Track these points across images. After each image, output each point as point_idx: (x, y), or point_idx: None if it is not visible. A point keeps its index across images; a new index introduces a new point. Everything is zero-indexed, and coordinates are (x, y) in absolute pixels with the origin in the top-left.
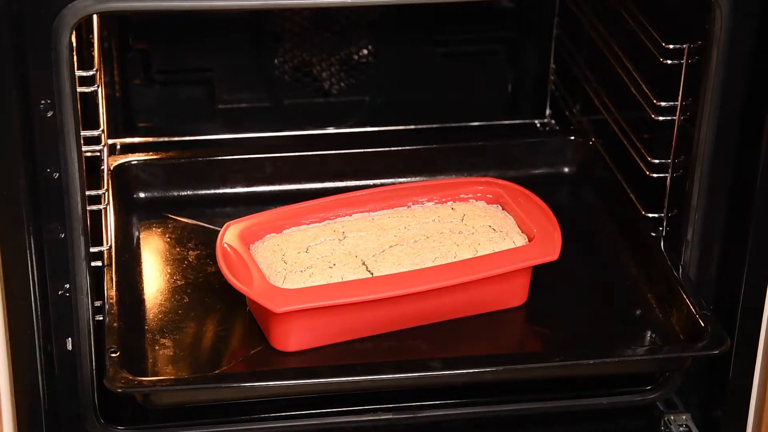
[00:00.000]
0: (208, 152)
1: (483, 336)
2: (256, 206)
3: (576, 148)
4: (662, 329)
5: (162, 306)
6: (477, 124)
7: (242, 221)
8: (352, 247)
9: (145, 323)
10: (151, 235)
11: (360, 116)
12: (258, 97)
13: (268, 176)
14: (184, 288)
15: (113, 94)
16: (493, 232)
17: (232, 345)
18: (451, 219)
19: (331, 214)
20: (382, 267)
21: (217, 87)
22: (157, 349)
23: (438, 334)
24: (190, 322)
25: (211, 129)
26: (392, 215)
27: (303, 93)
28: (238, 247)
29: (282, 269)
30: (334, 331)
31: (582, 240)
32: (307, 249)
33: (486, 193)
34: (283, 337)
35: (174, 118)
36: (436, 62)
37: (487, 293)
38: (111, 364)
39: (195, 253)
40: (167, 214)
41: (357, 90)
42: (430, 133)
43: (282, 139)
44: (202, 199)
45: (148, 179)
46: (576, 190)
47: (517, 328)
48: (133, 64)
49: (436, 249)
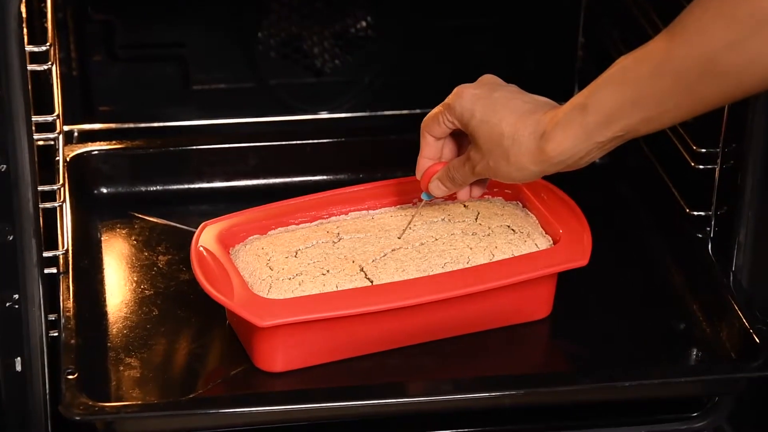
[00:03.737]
0: (181, 141)
1: (501, 354)
2: (237, 203)
3: None
4: (710, 346)
5: (127, 320)
6: None
7: (221, 221)
8: (349, 250)
9: (108, 340)
10: (115, 238)
11: (357, 99)
12: (239, 77)
13: (252, 169)
14: (153, 298)
15: (70, 72)
16: (512, 234)
17: (210, 365)
18: (464, 218)
19: (324, 213)
20: (383, 274)
21: (191, 65)
22: (121, 369)
23: (449, 351)
24: (161, 339)
25: (184, 114)
26: (395, 214)
27: (291, 72)
28: (216, 250)
29: (267, 276)
30: (328, 349)
31: (616, 242)
32: (296, 253)
33: (504, 187)
34: (269, 355)
35: (141, 101)
36: (446, 37)
37: (505, 304)
38: (68, 387)
39: (166, 257)
40: (133, 212)
41: (354, 68)
42: None
43: (267, 125)
44: (174, 196)
45: (111, 172)
46: (609, 184)
47: (541, 344)
48: (92, 38)
49: (446, 253)
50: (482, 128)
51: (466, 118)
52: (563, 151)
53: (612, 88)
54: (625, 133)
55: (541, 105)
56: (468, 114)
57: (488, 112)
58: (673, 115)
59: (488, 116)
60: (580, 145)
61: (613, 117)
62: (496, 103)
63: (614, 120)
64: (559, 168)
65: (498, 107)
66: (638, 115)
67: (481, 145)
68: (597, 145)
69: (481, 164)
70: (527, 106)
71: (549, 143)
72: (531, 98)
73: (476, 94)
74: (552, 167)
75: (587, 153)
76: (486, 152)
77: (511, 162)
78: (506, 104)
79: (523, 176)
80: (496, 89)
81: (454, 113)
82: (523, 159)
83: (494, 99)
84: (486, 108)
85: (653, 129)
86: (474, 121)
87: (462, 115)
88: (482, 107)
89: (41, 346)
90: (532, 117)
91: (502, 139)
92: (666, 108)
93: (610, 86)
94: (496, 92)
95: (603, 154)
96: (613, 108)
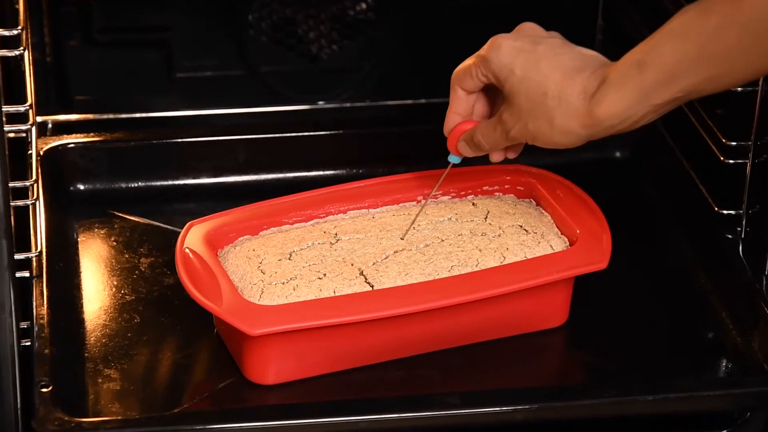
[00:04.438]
0: (165, 133)
1: (512, 365)
2: (226, 201)
3: None
4: (741, 356)
5: (106, 327)
6: None
7: (208, 220)
8: (347, 252)
9: (85, 350)
10: (93, 238)
11: (357, 88)
12: (228, 64)
13: (242, 163)
14: (134, 305)
15: (43, 59)
16: (524, 234)
17: (196, 376)
18: (472, 217)
19: (321, 212)
20: (384, 278)
21: (175, 50)
22: (100, 382)
23: (456, 362)
24: (143, 348)
25: (168, 104)
26: (397, 213)
27: (285, 58)
28: (203, 252)
29: (259, 281)
30: (325, 359)
31: (638, 243)
32: (290, 255)
33: (516, 184)
34: (261, 366)
35: (121, 89)
36: (453, 19)
37: (517, 311)
38: (41, 401)
39: (148, 260)
40: (113, 211)
41: (353, 55)
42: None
43: (258, 116)
44: (157, 193)
45: (89, 167)
46: (630, 181)
47: (556, 354)
48: (68, 22)
49: (452, 255)
50: (522, 87)
51: (504, 74)
52: (616, 114)
53: (673, 43)
54: (685, 94)
55: (591, 61)
56: (506, 70)
57: (530, 68)
58: (741, 73)
59: (530, 73)
60: (634, 107)
61: (674, 75)
62: (540, 57)
63: (675, 79)
64: (609, 132)
65: (542, 63)
66: (702, 74)
67: (519, 106)
68: (653, 107)
69: (517, 128)
70: (575, 62)
71: (600, 105)
72: (579, 53)
73: (516, 46)
74: (602, 131)
75: (642, 116)
76: (525, 114)
77: (555, 125)
78: (551, 59)
79: (568, 141)
80: (540, 41)
81: (489, 67)
82: (569, 121)
83: (537, 53)
84: (527, 63)
85: (718, 89)
86: (513, 79)
87: (499, 71)
88: (523, 62)
89: (12, 357)
90: (581, 75)
91: (546, 99)
92: (733, 65)
93: (670, 41)
94: (539, 45)
95: (657, 117)
96: (674, 65)
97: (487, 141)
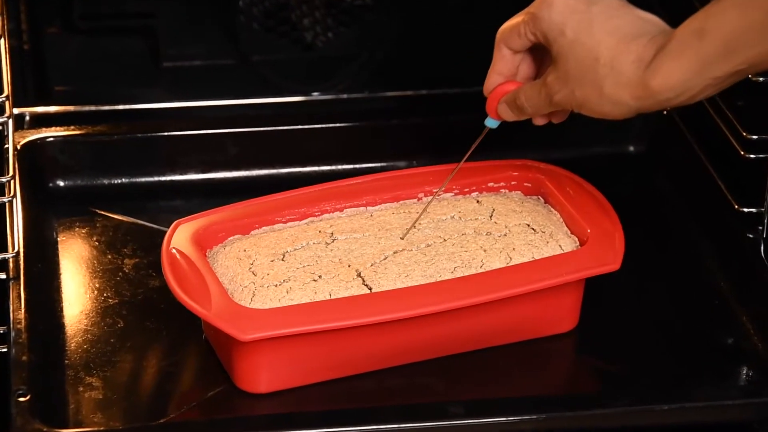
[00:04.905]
0: (151, 126)
1: (519, 372)
2: (216, 199)
3: (645, 118)
4: (763, 363)
5: (88, 333)
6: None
7: (196, 219)
8: (344, 253)
9: (65, 356)
10: (74, 238)
11: (354, 78)
12: (217, 52)
13: (232, 158)
14: (117, 308)
15: (20, 47)
16: (532, 233)
17: (183, 385)
18: (477, 216)
19: (316, 209)
20: (383, 280)
21: (161, 38)
22: (81, 390)
23: (459, 369)
24: (126, 355)
25: (154, 95)
26: (397, 211)
27: (277, 46)
28: (190, 253)
29: (250, 283)
30: (321, 366)
31: (652, 243)
32: (283, 256)
33: (523, 180)
34: (253, 373)
35: (103, 79)
36: (457, 3)
37: (524, 315)
38: (18, 411)
39: (133, 261)
40: (95, 209)
41: (350, 42)
42: (447, 101)
43: (250, 108)
44: (142, 189)
45: (69, 162)
46: (645, 176)
47: (565, 361)
48: (47, 7)
49: (456, 256)
50: (572, 50)
51: (554, 34)
52: (672, 86)
53: (736, 11)
54: (748, 67)
55: (649, 27)
56: (556, 30)
57: (582, 30)
58: None
59: (582, 36)
60: (692, 79)
61: (737, 46)
62: (594, 19)
63: (737, 49)
64: (662, 106)
65: (595, 25)
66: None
67: (567, 70)
68: (713, 80)
69: (563, 93)
70: (632, 28)
71: (655, 76)
72: (637, 16)
73: (570, 5)
74: (655, 104)
75: (700, 90)
76: (573, 79)
77: (604, 94)
78: (606, 22)
79: (617, 112)
80: (596, 1)
81: (539, 25)
82: (620, 92)
83: (592, 14)
84: (580, 25)
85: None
86: (563, 40)
87: (549, 30)
88: (575, 23)
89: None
90: (637, 42)
91: (597, 65)
92: None
93: (733, 8)
94: (594, 5)
95: (716, 92)
96: (737, 34)
97: (530, 104)
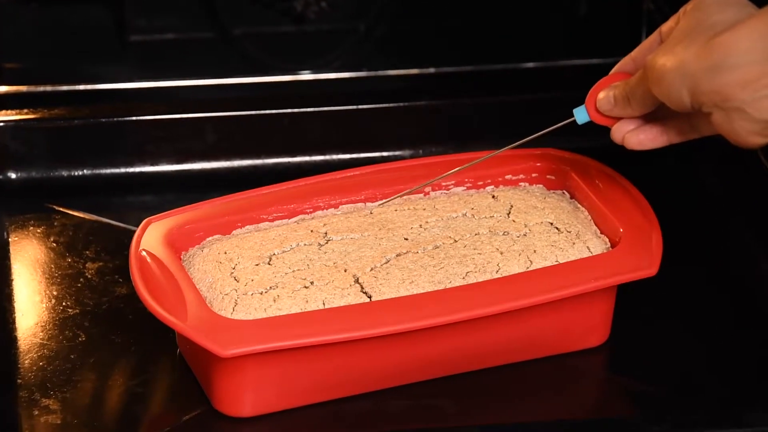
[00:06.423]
0: (117, 109)
1: (542, 393)
2: (191, 193)
3: None
4: None
5: (44, 347)
6: (531, 65)
7: (170, 216)
8: (340, 256)
9: (18, 375)
10: (28, 238)
11: (350, 54)
12: (193, 25)
13: (210, 147)
14: (79, 319)
15: None
16: (556, 233)
17: (155, 407)
18: (492, 213)
19: (307, 206)
20: (384, 287)
21: (128, 8)
22: (36, 414)
23: (472, 390)
24: (89, 373)
25: (120, 73)
26: (400, 207)
27: (263, 18)
28: (163, 256)
29: (232, 290)
30: (312, 386)
31: (694, 246)
32: (269, 259)
33: (546, 171)
34: (235, 394)
35: (61, 55)
36: None
37: (547, 328)
38: None
39: (96, 265)
40: (53, 205)
41: (345, 14)
42: (457, 81)
43: (231, 89)
44: (107, 183)
45: (22, 151)
46: (686, 170)
47: (595, 380)
48: None
49: (468, 259)
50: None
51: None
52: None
53: None
54: None
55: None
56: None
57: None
58: None
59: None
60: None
61: None
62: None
63: None
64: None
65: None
66: None
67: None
68: None
69: (667, 57)
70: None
71: (720, 35)
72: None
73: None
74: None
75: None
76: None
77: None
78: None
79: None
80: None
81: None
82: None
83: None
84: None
85: None
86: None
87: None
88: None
89: None
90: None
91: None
92: None
93: None
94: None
95: None
96: None
97: (637, 91)
